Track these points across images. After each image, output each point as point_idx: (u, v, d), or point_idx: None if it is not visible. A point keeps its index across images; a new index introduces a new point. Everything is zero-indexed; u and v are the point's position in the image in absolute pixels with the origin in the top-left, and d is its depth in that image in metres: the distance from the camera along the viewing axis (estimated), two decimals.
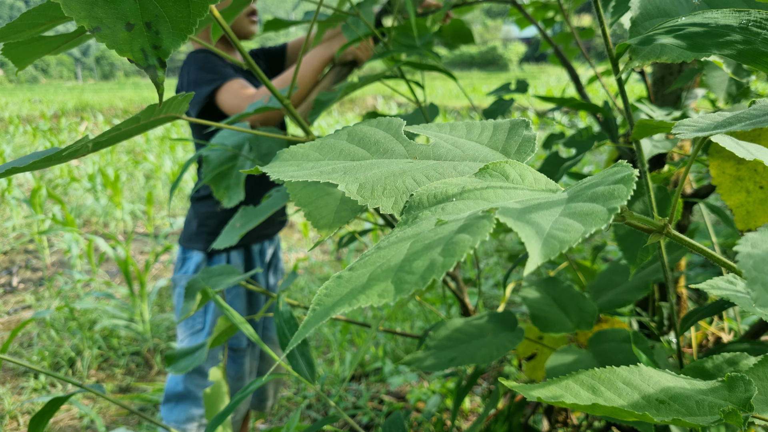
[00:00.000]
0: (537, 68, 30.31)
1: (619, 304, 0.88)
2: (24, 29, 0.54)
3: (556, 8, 1.60)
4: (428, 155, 0.40)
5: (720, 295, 0.48)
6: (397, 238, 0.29)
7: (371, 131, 0.43)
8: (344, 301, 0.26)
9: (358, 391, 2.21)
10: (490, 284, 2.96)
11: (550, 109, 1.32)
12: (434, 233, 0.28)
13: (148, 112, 0.51)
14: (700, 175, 1.33)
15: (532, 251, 0.24)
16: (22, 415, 2.16)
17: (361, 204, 0.35)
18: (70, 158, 0.50)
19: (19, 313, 3.04)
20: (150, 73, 0.40)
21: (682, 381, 0.38)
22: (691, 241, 0.34)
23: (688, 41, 0.42)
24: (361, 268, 0.28)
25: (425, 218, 0.30)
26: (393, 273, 0.26)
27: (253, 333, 0.78)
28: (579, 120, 5.11)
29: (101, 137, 0.50)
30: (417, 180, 0.36)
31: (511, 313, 0.88)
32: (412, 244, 0.28)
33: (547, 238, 0.25)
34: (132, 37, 0.39)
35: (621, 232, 0.80)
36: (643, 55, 0.50)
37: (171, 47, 0.40)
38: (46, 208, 4.59)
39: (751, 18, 0.40)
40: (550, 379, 0.36)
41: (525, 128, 0.41)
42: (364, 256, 0.29)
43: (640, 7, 0.51)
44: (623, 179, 0.29)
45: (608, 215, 0.26)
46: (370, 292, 0.26)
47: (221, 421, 0.73)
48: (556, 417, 1.15)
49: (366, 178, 0.36)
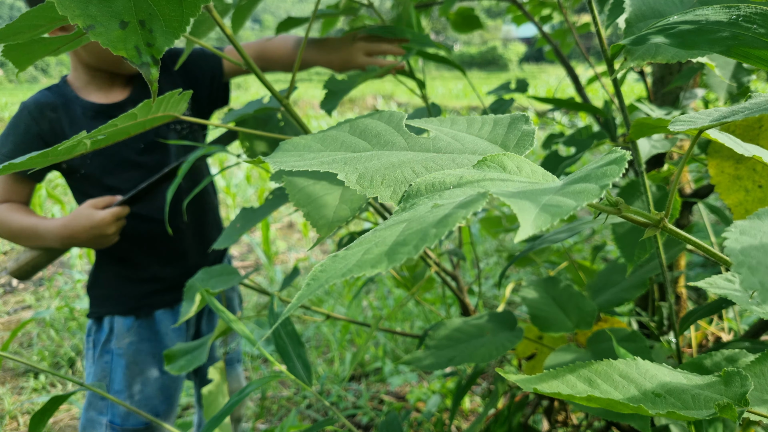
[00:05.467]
0: (537, 68, 30.30)
1: (618, 302, 0.88)
2: (24, 30, 0.54)
3: (553, 5, 1.60)
4: (428, 148, 0.41)
5: (718, 293, 0.48)
6: (394, 222, 0.30)
7: (372, 124, 0.44)
8: (338, 273, 0.27)
9: (358, 391, 2.21)
10: (490, 284, 2.96)
11: (549, 109, 1.32)
12: (430, 214, 0.28)
13: (145, 109, 0.51)
14: (699, 175, 1.33)
15: (525, 221, 0.25)
16: (22, 415, 2.16)
17: (360, 193, 0.35)
18: (67, 155, 0.50)
19: (19, 313, 3.04)
20: (143, 71, 0.41)
21: (679, 375, 0.38)
22: (687, 235, 0.34)
23: (678, 40, 0.43)
24: (357, 247, 0.29)
25: (422, 204, 0.30)
26: (387, 247, 0.27)
27: (249, 334, 0.78)
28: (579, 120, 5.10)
29: (98, 134, 0.50)
30: (416, 171, 0.36)
31: (511, 312, 0.88)
32: (408, 224, 0.28)
33: (539, 211, 0.26)
34: (126, 35, 0.40)
35: (620, 231, 0.80)
36: (638, 55, 0.50)
37: (164, 45, 0.41)
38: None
39: (741, 13, 0.40)
40: (548, 371, 0.36)
41: (524, 123, 0.42)
42: (361, 239, 0.30)
43: (633, 7, 0.51)
44: (615, 160, 0.30)
45: (600, 191, 0.27)
46: (363, 264, 0.26)
47: (218, 423, 0.72)
48: (555, 417, 1.15)
49: (365, 169, 0.37)
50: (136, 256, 1.25)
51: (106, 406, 1.22)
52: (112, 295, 1.25)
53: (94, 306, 1.26)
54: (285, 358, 0.80)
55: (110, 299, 1.25)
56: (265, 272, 3.48)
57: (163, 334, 1.29)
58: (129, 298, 1.25)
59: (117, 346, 1.23)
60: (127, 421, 1.21)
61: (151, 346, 1.27)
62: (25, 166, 0.49)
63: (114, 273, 1.26)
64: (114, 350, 1.23)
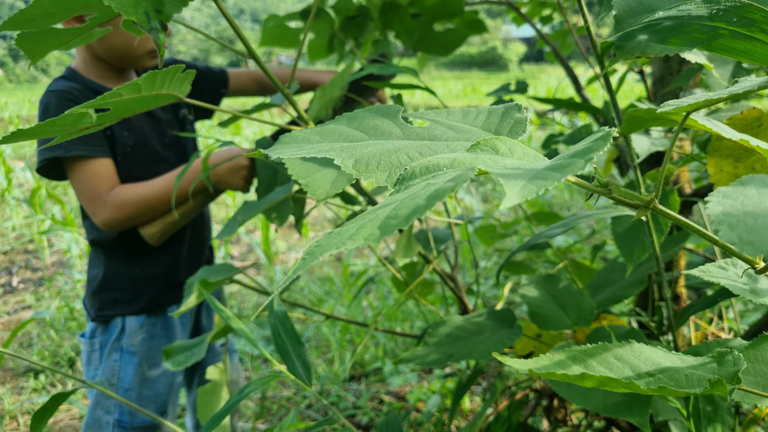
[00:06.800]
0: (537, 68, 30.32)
1: (616, 300, 0.88)
2: (37, 18, 0.55)
3: (554, 6, 1.60)
4: (423, 136, 0.42)
5: (712, 280, 0.48)
6: (388, 202, 0.31)
7: (370, 116, 0.45)
8: (332, 246, 0.28)
9: (358, 391, 2.21)
10: (490, 284, 2.96)
11: (549, 110, 1.32)
12: (422, 191, 0.30)
13: (149, 81, 0.52)
14: (699, 174, 1.33)
15: (511, 192, 0.26)
16: (22, 415, 2.16)
17: (356, 177, 0.37)
18: (73, 126, 0.50)
19: (19, 313, 3.04)
20: (152, 35, 0.44)
21: (673, 357, 0.39)
22: (677, 216, 0.34)
23: (661, 36, 0.43)
24: (352, 224, 0.30)
25: (416, 185, 0.32)
26: (380, 221, 0.28)
27: (249, 334, 0.78)
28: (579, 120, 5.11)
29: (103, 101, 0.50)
30: (411, 156, 0.38)
31: (510, 310, 0.89)
32: (402, 201, 0.30)
33: (526, 182, 0.27)
34: (137, 1, 0.44)
35: (619, 230, 0.80)
36: (627, 51, 0.51)
37: (172, 11, 0.44)
38: (46, 208, 4.59)
39: (721, 7, 0.40)
40: (543, 356, 0.37)
41: (517, 111, 0.43)
42: (356, 218, 0.31)
43: (622, 3, 0.52)
44: (601, 137, 0.31)
45: (584, 164, 0.28)
46: (357, 237, 0.28)
47: (217, 423, 0.72)
48: (555, 415, 1.15)
49: (362, 154, 0.38)
50: (147, 255, 1.26)
51: (114, 404, 1.22)
52: (125, 296, 1.25)
53: (104, 309, 1.25)
54: (285, 358, 0.80)
55: (121, 301, 1.25)
56: (265, 272, 3.48)
57: (175, 331, 1.30)
58: (142, 298, 1.26)
59: (129, 343, 1.24)
60: (136, 419, 1.22)
61: (164, 342, 1.28)
62: (32, 134, 0.49)
63: (125, 274, 1.26)
64: (125, 348, 1.24)
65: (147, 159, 1.23)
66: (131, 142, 1.20)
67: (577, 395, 0.68)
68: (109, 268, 1.25)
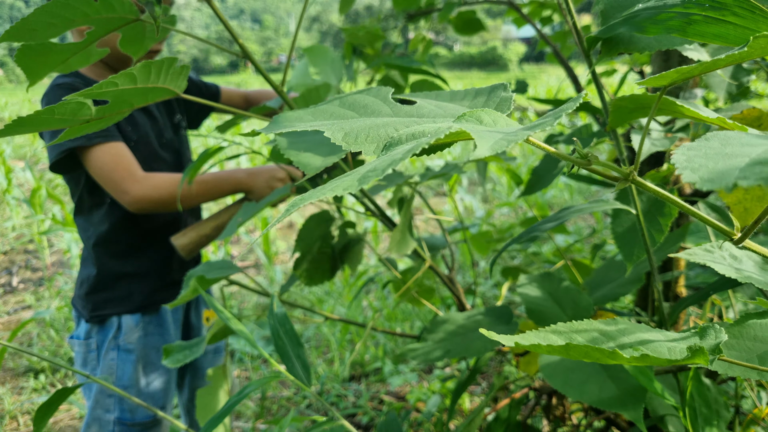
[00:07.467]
0: (537, 68, 30.31)
1: (614, 297, 0.88)
2: (38, 28, 0.55)
3: (554, 7, 1.60)
4: (412, 114, 0.44)
5: (698, 261, 0.49)
6: (371, 161, 0.33)
7: (361, 97, 0.47)
8: (315, 195, 0.30)
9: (358, 391, 2.21)
10: (490, 285, 2.96)
11: (549, 110, 1.32)
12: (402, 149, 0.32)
13: (144, 71, 0.52)
14: None
15: (482, 145, 0.29)
16: (22, 415, 2.16)
17: (345, 149, 0.38)
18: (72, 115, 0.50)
19: (19, 313, 3.05)
20: (148, 9, 0.45)
21: (657, 333, 0.40)
22: (658, 189, 0.35)
23: (639, 27, 0.44)
24: (336, 181, 0.32)
25: (400, 148, 0.33)
26: (360, 175, 0.31)
27: (248, 335, 0.78)
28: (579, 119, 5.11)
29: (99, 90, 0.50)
30: (398, 129, 0.39)
31: (507, 307, 0.89)
32: (382, 158, 0.32)
33: (498, 139, 0.30)
34: None
35: (619, 230, 0.80)
36: (612, 46, 0.52)
37: None
38: (46, 208, 4.60)
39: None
40: (530, 332, 0.37)
41: (503, 90, 0.45)
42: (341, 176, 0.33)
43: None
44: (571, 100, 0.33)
45: (554, 122, 0.31)
46: (337, 188, 0.30)
47: (217, 423, 0.72)
48: (553, 413, 1.15)
49: (351, 128, 0.39)
50: (140, 253, 1.27)
51: (114, 403, 1.23)
52: (119, 295, 1.25)
53: (98, 309, 1.25)
54: (284, 358, 0.79)
55: (115, 300, 1.25)
56: (265, 272, 3.48)
57: (168, 328, 1.31)
58: (137, 296, 1.26)
59: (126, 342, 1.25)
60: (137, 415, 1.23)
61: (159, 339, 1.29)
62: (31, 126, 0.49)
63: (118, 274, 1.26)
64: (122, 346, 1.24)
65: (147, 155, 1.24)
66: (135, 137, 1.23)
67: (573, 388, 0.68)
68: (102, 267, 1.26)
